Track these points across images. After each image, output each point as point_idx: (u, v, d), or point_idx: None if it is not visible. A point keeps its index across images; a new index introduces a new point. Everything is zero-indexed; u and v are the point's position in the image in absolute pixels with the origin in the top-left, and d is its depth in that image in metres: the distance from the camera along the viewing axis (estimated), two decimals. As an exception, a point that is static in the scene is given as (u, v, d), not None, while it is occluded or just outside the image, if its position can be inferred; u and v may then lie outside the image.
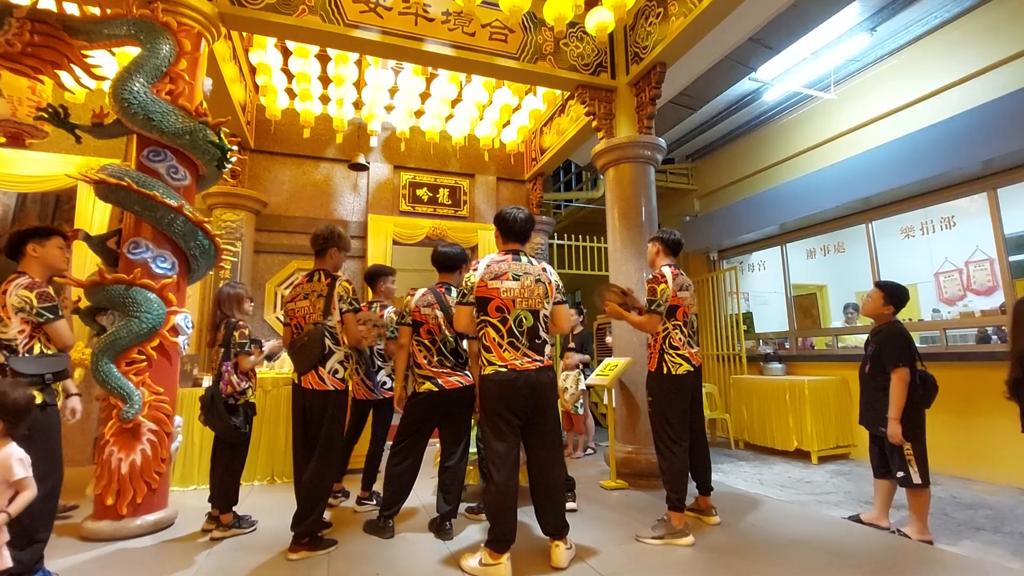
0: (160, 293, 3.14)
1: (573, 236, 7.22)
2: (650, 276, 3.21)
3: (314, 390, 2.74)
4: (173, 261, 3.27)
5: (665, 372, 3.10)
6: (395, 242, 6.12)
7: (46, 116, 3.22)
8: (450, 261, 3.16)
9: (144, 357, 3.08)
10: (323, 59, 5.12)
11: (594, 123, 4.80)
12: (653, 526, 2.93)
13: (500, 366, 2.44)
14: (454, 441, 3.07)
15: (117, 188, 3.07)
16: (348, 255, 5.98)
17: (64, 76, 3.29)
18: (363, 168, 5.93)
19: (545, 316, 2.56)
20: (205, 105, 3.63)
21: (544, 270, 2.61)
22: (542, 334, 2.54)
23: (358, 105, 5.85)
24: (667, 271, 3.18)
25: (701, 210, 8.16)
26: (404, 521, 3.26)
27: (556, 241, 7.35)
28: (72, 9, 3.28)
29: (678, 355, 3.11)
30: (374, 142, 6.32)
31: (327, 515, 3.14)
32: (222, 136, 3.31)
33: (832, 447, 5.39)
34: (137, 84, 3.17)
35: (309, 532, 2.66)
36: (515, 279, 2.50)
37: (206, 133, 3.26)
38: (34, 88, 4.02)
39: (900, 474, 3.11)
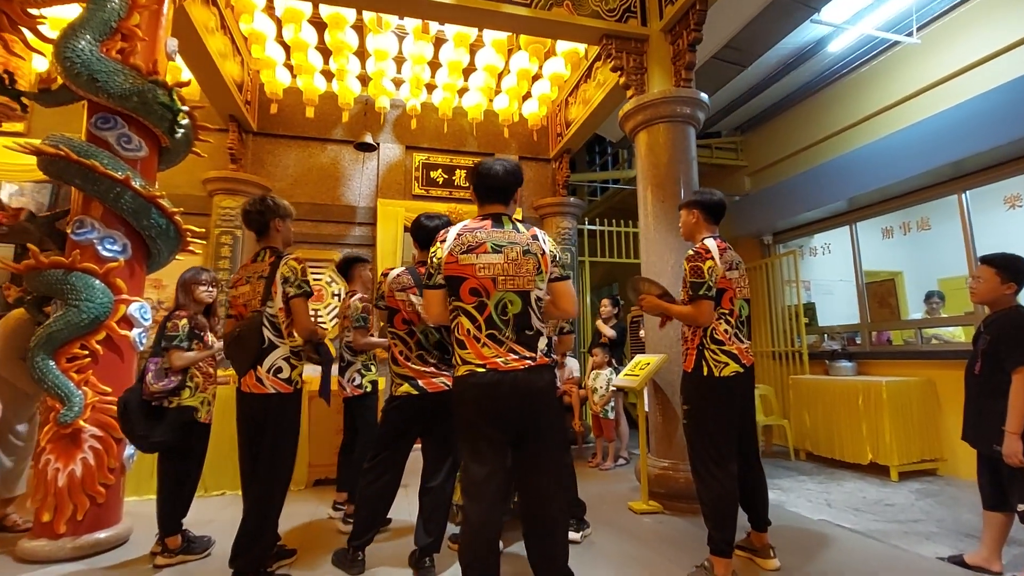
0: (105, 279, 2.73)
1: (611, 222, 6.51)
2: (690, 252, 2.52)
3: (252, 394, 2.24)
4: (125, 243, 2.87)
5: (706, 374, 2.42)
6: (407, 228, 5.61)
7: (-13, 82, 2.87)
8: (431, 235, 2.57)
9: (87, 352, 2.68)
10: (319, 27, 4.66)
11: (622, 79, 4.10)
12: (691, 574, 2.26)
13: (477, 366, 1.84)
14: (438, 457, 2.50)
15: (55, 159, 2.67)
16: (356, 242, 5.65)
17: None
18: (371, 148, 5.46)
19: (538, 299, 1.94)
20: (179, 68, 3.22)
21: (535, 238, 1.97)
22: (534, 323, 1.92)
23: (364, 81, 5.38)
24: (712, 244, 2.50)
25: (752, 188, 7.25)
26: (392, 540, 2.75)
27: (587, 226, 6.68)
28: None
29: (723, 352, 2.42)
30: (382, 120, 5.84)
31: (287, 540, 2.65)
32: (175, 97, 2.87)
33: (916, 461, 4.49)
34: (82, 42, 2.77)
35: (253, 566, 2.17)
36: (496, 251, 1.88)
37: (156, 94, 2.82)
38: (7, 63, 3.73)
39: (1023, 507, 2.33)
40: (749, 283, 2.69)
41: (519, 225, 1.98)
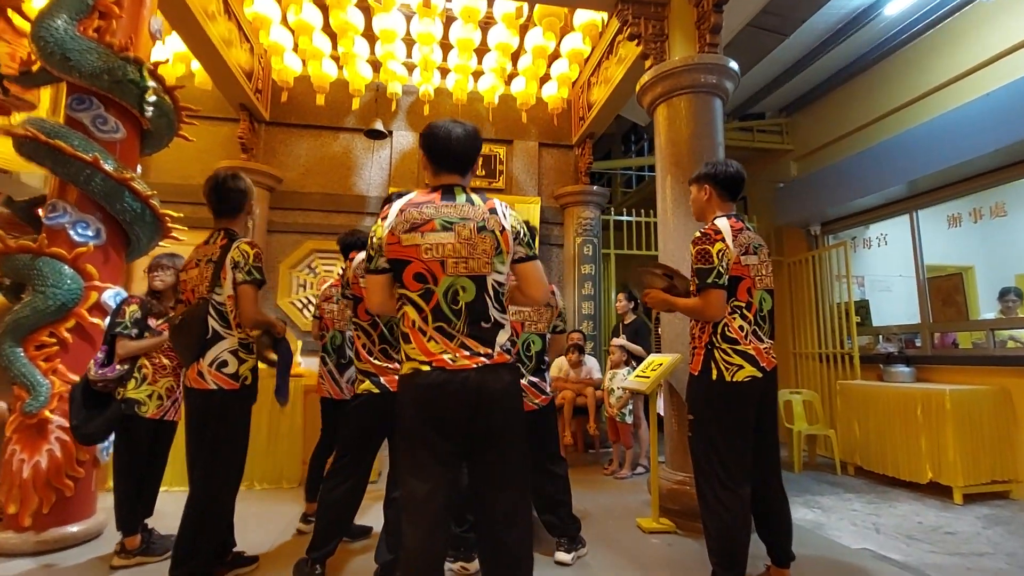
0: (75, 264, 2.63)
1: (648, 212, 6.09)
2: (697, 234, 2.16)
3: (194, 390, 2.05)
4: (98, 228, 2.76)
5: (715, 378, 2.05)
6: (420, 218, 5.40)
7: (-31, 66, 2.83)
8: None
9: (56, 340, 2.59)
10: (325, 9, 4.49)
11: (639, 48, 3.71)
12: (686, 615, 1.91)
13: (422, 363, 1.56)
14: (405, 463, 2.24)
15: (26, 140, 2.59)
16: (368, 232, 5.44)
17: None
18: (381, 135, 5.28)
19: (497, 284, 1.64)
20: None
21: (493, 211, 1.66)
22: (492, 313, 1.62)
23: (376, 66, 5.20)
24: (723, 224, 2.13)
25: (799, 174, 6.62)
26: (365, 553, 2.52)
27: (614, 217, 6.26)
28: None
29: (736, 352, 2.05)
30: (395, 107, 5.65)
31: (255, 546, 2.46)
32: (144, 73, 2.74)
33: (985, 482, 3.88)
34: (59, 21, 2.68)
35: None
36: (446, 228, 1.59)
37: (126, 71, 2.70)
38: (14, 55, 3.74)
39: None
40: (796, 280, 2.28)
41: (474, 197, 1.68)
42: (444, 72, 5.37)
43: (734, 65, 3.47)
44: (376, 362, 2.20)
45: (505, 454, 1.59)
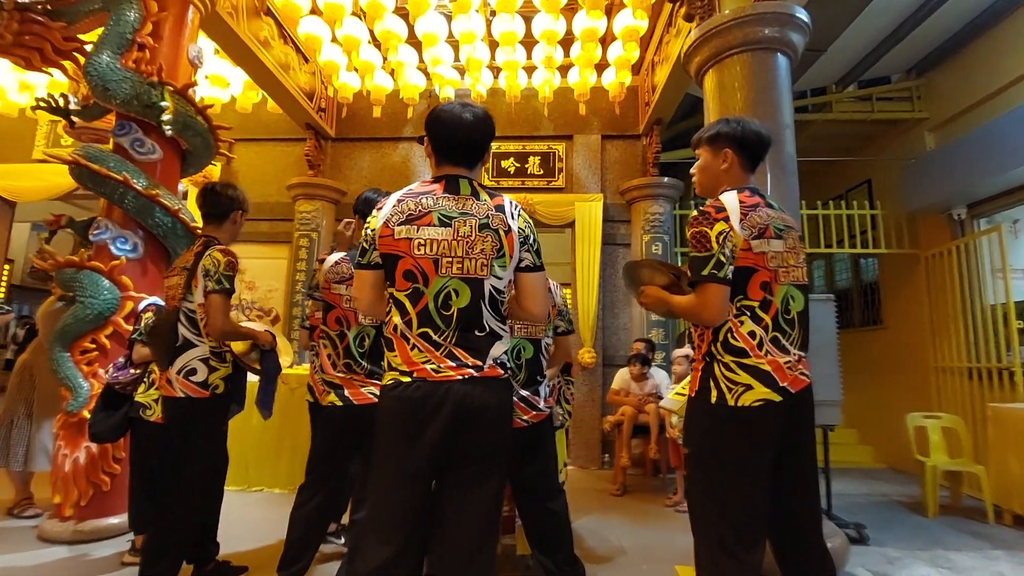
0: (111, 276, 2.86)
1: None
2: (694, 214, 1.70)
3: (164, 397, 2.06)
4: (136, 243, 3.00)
5: (714, 401, 1.57)
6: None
7: (43, 106, 3.24)
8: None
9: (96, 346, 2.83)
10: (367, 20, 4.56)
11: (682, 10, 3.19)
12: None
13: (403, 373, 1.39)
14: (366, 483, 2.05)
15: (71, 165, 2.89)
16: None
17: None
18: (433, 141, 5.24)
19: (496, 291, 1.43)
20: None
21: (500, 208, 1.46)
22: (488, 321, 1.42)
23: (428, 75, 5.19)
24: (730, 199, 1.66)
25: (937, 145, 5.37)
26: None
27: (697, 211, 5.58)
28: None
29: (743, 367, 1.55)
30: (449, 111, 5.59)
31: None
32: (165, 95, 2.91)
33: None
34: (104, 56, 2.96)
35: (160, 585, 1.97)
36: (444, 223, 1.41)
37: (151, 95, 2.89)
38: (73, 86, 4.23)
39: None
40: (935, 275, 1.70)
41: (482, 192, 1.48)
42: (496, 71, 5.20)
43: (801, 13, 2.83)
44: (339, 374, 2.05)
45: (483, 475, 1.40)
